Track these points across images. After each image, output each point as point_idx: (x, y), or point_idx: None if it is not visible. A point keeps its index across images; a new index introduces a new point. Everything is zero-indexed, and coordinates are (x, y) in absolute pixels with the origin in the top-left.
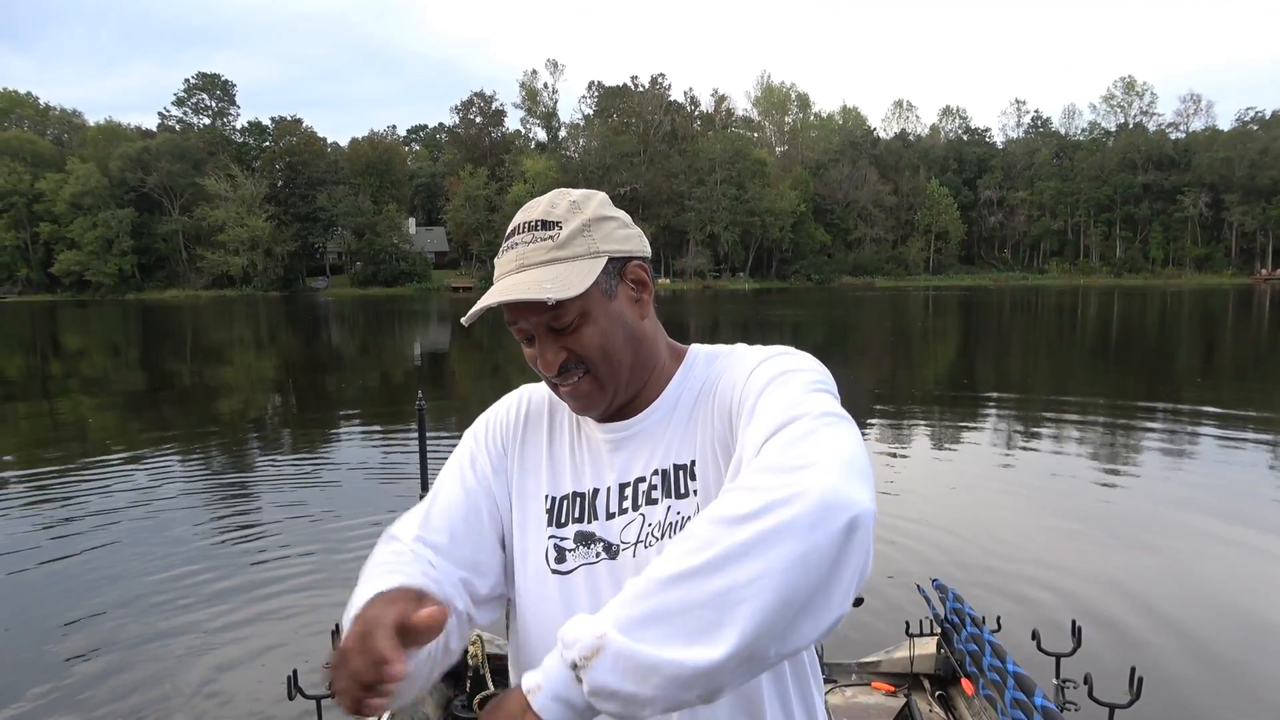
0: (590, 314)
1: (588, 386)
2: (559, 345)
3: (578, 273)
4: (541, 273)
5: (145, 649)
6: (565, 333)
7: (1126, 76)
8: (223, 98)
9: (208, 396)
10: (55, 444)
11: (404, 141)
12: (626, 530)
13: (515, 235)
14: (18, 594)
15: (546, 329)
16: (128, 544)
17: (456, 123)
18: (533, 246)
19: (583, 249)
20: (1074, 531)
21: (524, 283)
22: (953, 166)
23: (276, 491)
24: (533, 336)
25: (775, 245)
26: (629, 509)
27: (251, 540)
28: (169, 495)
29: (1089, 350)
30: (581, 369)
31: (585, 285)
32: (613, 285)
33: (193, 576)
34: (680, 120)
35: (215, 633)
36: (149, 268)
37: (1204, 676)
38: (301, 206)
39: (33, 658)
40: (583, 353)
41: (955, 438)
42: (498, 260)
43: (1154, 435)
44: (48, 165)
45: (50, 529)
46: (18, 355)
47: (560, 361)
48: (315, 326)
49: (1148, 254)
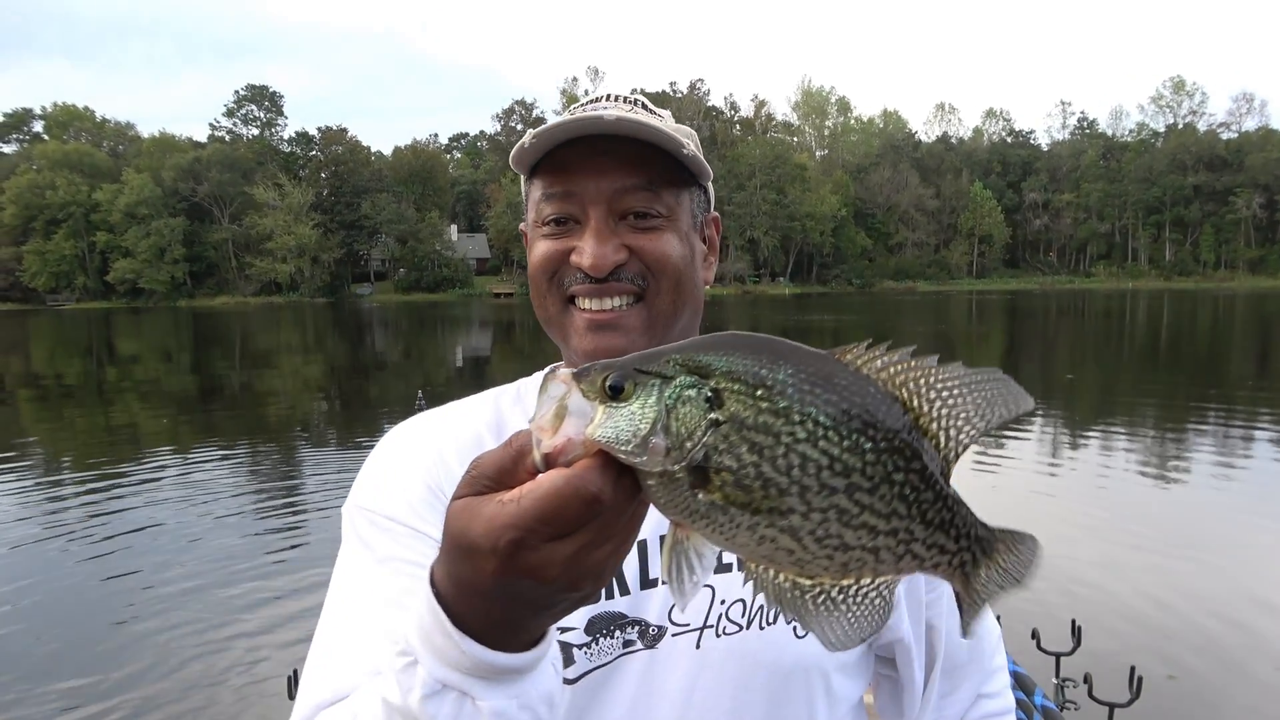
0: (678, 224)
1: (635, 319)
2: (623, 240)
3: (695, 164)
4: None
5: (148, 647)
6: (640, 227)
7: (1176, 76)
8: (271, 109)
9: (255, 401)
10: (110, 444)
11: (446, 150)
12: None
13: (598, 103)
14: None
15: (617, 211)
16: (160, 542)
17: (498, 130)
18: (636, 115)
19: (690, 149)
20: (1075, 531)
21: (637, 121)
22: (996, 169)
23: (313, 494)
24: (577, 219)
25: (815, 250)
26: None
27: (280, 542)
28: (210, 495)
29: (1137, 354)
30: (638, 285)
31: (704, 179)
32: (698, 220)
33: (213, 575)
34: (720, 125)
35: (219, 632)
36: (200, 275)
37: (1203, 676)
38: (346, 214)
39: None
40: (654, 260)
41: (996, 441)
42: (560, 119)
43: (1176, 437)
44: (104, 176)
45: (84, 524)
46: (76, 361)
47: (618, 262)
48: (360, 332)
49: (1198, 257)
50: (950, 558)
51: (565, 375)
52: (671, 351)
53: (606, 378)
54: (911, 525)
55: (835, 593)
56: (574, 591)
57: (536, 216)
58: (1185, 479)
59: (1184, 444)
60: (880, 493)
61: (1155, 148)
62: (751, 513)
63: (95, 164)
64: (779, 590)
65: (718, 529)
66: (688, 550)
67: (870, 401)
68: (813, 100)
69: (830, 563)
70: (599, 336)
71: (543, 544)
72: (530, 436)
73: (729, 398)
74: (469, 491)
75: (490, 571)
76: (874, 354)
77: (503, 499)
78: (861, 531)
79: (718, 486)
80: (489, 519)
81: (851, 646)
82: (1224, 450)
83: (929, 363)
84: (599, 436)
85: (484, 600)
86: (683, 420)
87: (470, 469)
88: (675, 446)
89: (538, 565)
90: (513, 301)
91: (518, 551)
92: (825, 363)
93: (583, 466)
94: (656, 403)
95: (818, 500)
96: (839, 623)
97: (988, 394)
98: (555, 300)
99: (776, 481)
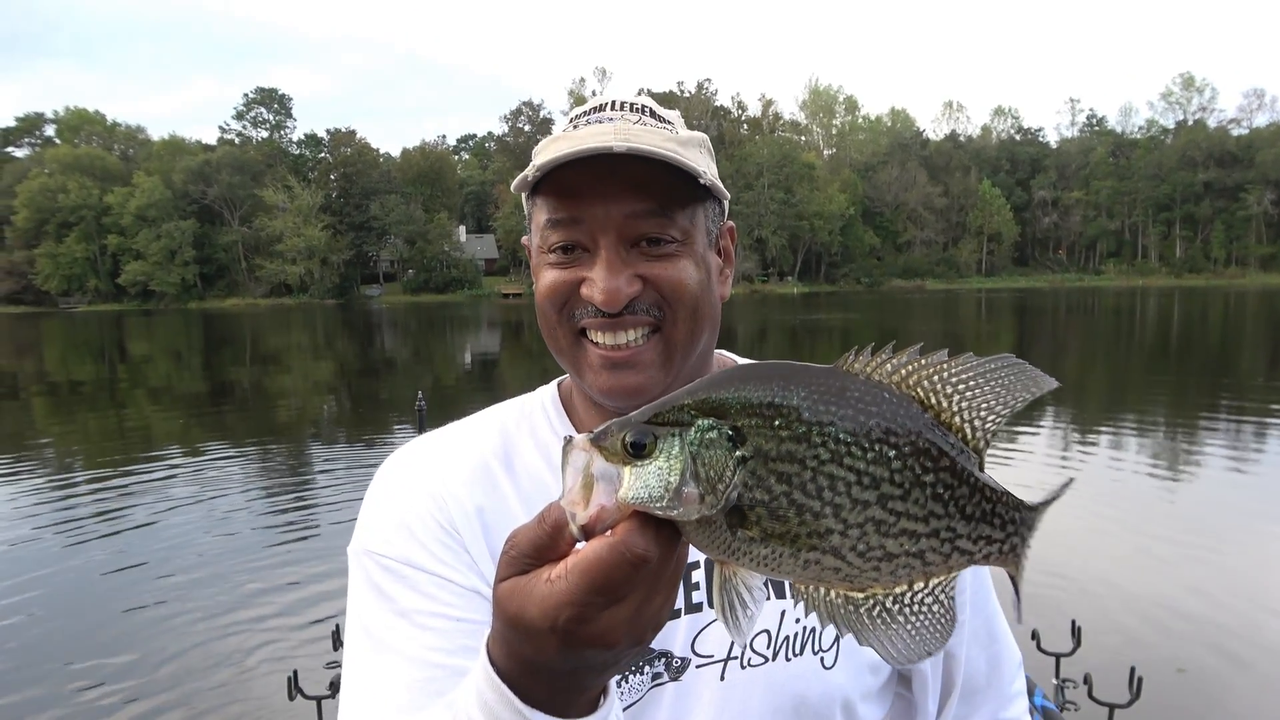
0: (693, 247)
1: (651, 353)
2: (635, 271)
3: (714, 190)
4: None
5: (152, 644)
6: (654, 255)
7: (1185, 72)
8: (280, 111)
9: (266, 401)
10: (121, 444)
11: (454, 151)
12: (704, 636)
13: (603, 111)
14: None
15: (629, 238)
16: (169, 539)
17: (505, 131)
18: (643, 128)
19: (704, 164)
20: (1076, 530)
21: (652, 141)
22: (1005, 167)
23: (320, 494)
24: (585, 247)
25: (824, 249)
26: (706, 603)
27: (287, 537)
28: (220, 493)
29: (1148, 351)
30: (653, 316)
31: (722, 199)
32: (713, 236)
33: (220, 570)
34: (727, 125)
35: (222, 630)
36: (210, 277)
37: (1204, 677)
38: (356, 216)
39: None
40: (670, 290)
41: (1008, 439)
42: (564, 135)
43: (1183, 435)
44: (115, 180)
45: (95, 521)
46: (88, 362)
47: (632, 295)
48: (369, 333)
49: (1209, 254)
50: (999, 545)
51: (583, 443)
52: (684, 396)
53: (625, 437)
54: (952, 523)
55: (890, 603)
56: (638, 645)
57: (541, 242)
58: (1188, 478)
59: (1190, 442)
60: (914, 497)
61: (1165, 144)
62: (791, 541)
63: (106, 167)
64: (832, 607)
65: (761, 562)
66: (736, 585)
67: (887, 408)
68: (820, 99)
69: (878, 573)
70: (615, 375)
71: (600, 614)
72: (563, 511)
73: (750, 432)
74: (513, 571)
75: (554, 650)
76: (881, 358)
77: (550, 577)
78: (903, 538)
79: (754, 522)
80: (541, 600)
81: (916, 661)
82: (1231, 449)
83: (939, 358)
84: (631, 499)
85: (550, 675)
86: (710, 464)
87: (508, 548)
88: (709, 491)
89: (600, 634)
90: (521, 302)
91: (578, 627)
92: (835, 377)
93: (623, 530)
94: (680, 452)
95: (853, 516)
96: (898, 635)
97: (1005, 379)
98: (566, 333)
99: (810, 506)
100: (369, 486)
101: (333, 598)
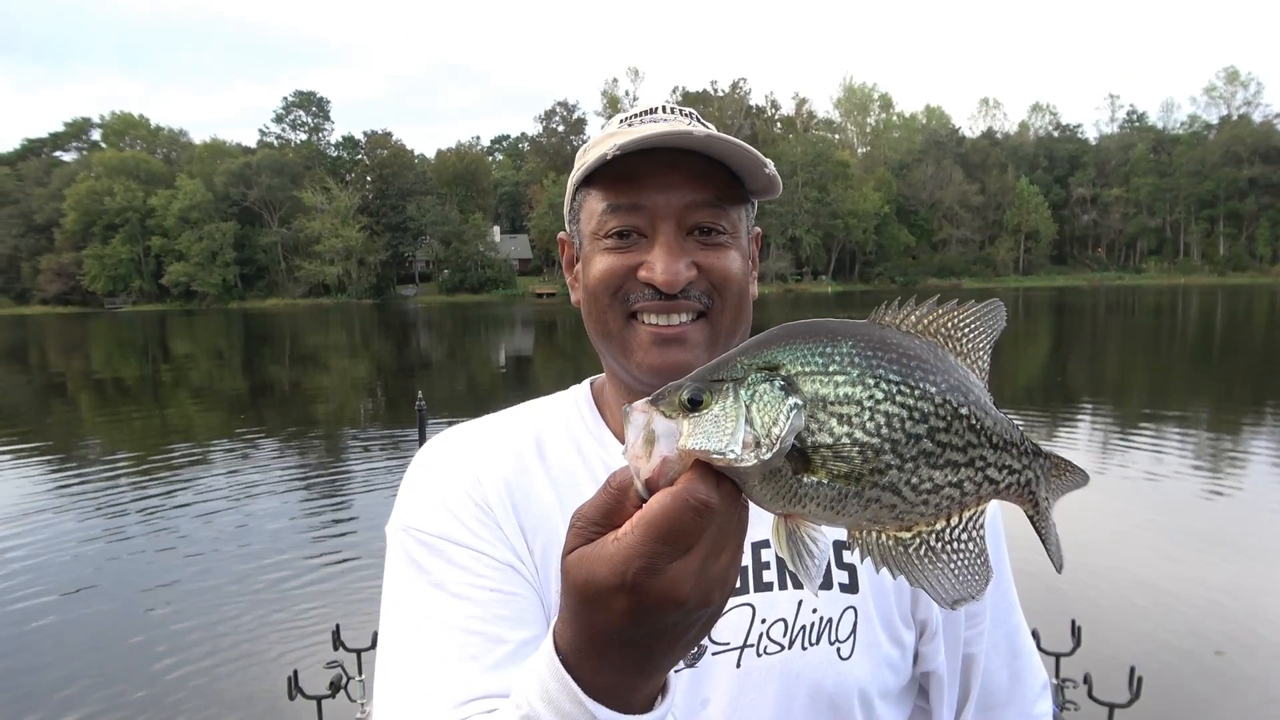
0: (740, 240)
1: (700, 334)
2: (691, 258)
3: (774, 183)
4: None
5: (153, 644)
6: (707, 244)
7: (1229, 66)
8: (318, 114)
9: (304, 399)
10: (165, 440)
11: (488, 151)
12: (720, 623)
13: (655, 114)
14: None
15: (685, 226)
16: (208, 531)
17: (539, 132)
18: (694, 125)
19: (772, 172)
20: (1076, 530)
21: (726, 139)
22: (1043, 164)
23: (352, 494)
24: (643, 233)
25: (858, 247)
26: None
27: (326, 532)
28: (260, 488)
29: (1189, 351)
30: (703, 303)
31: (774, 193)
32: (748, 237)
33: (257, 563)
34: (761, 124)
35: (222, 629)
36: (250, 278)
37: (1205, 677)
38: (392, 217)
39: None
40: (720, 278)
41: (1044, 437)
42: (623, 131)
43: (1196, 438)
44: (158, 182)
45: (140, 516)
46: (132, 361)
47: (690, 279)
48: (405, 333)
49: (1254, 251)
50: (1018, 475)
51: (642, 404)
52: (736, 355)
53: (683, 394)
54: (984, 451)
55: (934, 540)
56: (706, 607)
57: (597, 228)
58: (1191, 478)
59: (1199, 445)
60: (955, 428)
61: (1208, 140)
62: (855, 480)
63: (150, 170)
64: (884, 550)
65: (827, 505)
66: (802, 535)
67: (923, 351)
68: (855, 97)
69: (926, 507)
70: (665, 351)
71: (669, 565)
72: (628, 473)
73: (803, 381)
74: (580, 542)
75: (624, 609)
76: (907, 310)
77: (616, 536)
78: (947, 469)
79: (820, 465)
80: (610, 558)
81: (965, 601)
82: (1240, 450)
83: (950, 306)
84: (691, 445)
85: (619, 647)
86: (765, 410)
87: (574, 521)
88: (764, 434)
89: (669, 587)
90: (555, 302)
91: (647, 579)
92: (873, 329)
93: (685, 479)
94: (736, 402)
95: (908, 450)
96: (945, 573)
97: (988, 317)
98: (617, 316)
99: (871, 444)
100: (407, 470)
101: (333, 597)
